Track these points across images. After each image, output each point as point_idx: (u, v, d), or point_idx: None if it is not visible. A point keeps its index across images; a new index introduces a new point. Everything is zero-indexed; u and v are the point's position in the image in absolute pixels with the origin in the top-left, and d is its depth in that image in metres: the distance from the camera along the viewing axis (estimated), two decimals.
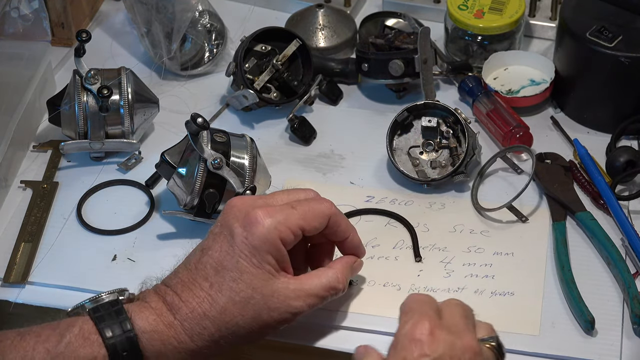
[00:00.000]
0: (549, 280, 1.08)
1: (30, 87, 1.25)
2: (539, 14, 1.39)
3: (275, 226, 0.96)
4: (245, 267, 0.95)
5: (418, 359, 0.85)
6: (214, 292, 0.95)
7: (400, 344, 0.87)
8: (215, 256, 0.96)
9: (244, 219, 0.96)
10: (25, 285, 1.10)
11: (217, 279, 0.95)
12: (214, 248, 0.97)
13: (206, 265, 0.96)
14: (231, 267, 0.95)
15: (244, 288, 0.95)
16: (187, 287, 0.96)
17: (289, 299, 0.97)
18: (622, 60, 1.18)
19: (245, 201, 0.99)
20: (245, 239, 0.95)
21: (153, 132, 1.28)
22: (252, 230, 0.95)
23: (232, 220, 0.97)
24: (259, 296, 0.95)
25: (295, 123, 1.25)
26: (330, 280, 0.99)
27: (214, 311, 0.95)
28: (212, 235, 0.98)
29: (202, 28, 1.33)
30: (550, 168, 1.19)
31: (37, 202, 1.18)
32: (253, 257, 0.95)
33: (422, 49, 1.25)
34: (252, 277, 0.95)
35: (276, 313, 0.96)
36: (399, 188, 1.19)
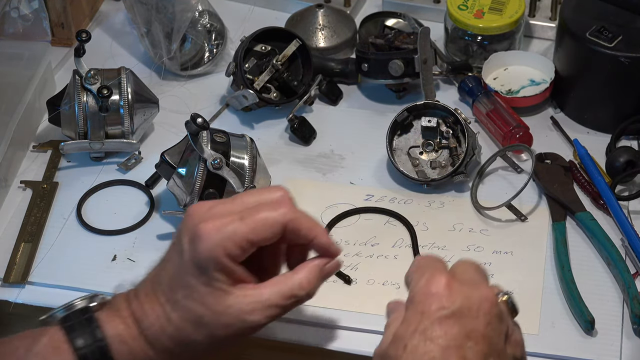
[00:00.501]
0: (548, 280, 1.08)
1: (30, 87, 1.25)
2: (538, 14, 1.39)
3: (219, 243, 0.90)
4: (195, 285, 0.91)
5: (436, 312, 0.85)
6: (169, 308, 0.92)
7: (417, 299, 0.87)
8: (169, 270, 0.93)
9: (191, 232, 0.91)
10: (25, 285, 1.10)
11: (170, 296, 0.92)
12: (169, 261, 0.93)
13: (162, 279, 0.93)
14: (182, 285, 0.92)
15: (195, 306, 0.91)
16: (149, 299, 0.93)
17: (244, 314, 0.92)
18: (622, 60, 1.18)
19: (198, 210, 0.93)
20: (192, 256, 0.91)
21: (153, 132, 1.28)
22: (197, 247, 0.91)
23: (183, 232, 0.93)
24: (211, 314, 0.91)
25: (295, 123, 1.25)
26: (291, 288, 0.93)
27: (170, 328, 0.92)
28: (171, 245, 0.95)
29: (202, 28, 1.33)
30: (550, 168, 1.19)
31: (37, 202, 1.18)
32: (201, 275, 0.91)
33: (422, 49, 1.25)
34: (202, 295, 0.91)
35: (231, 329, 0.92)
36: (399, 188, 1.19)
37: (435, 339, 0.84)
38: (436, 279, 0.86)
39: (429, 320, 0.85)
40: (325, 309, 1.06)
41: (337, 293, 1.08)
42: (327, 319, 1.05)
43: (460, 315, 0.85)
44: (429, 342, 0.84)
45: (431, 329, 0.84)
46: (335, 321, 1.05)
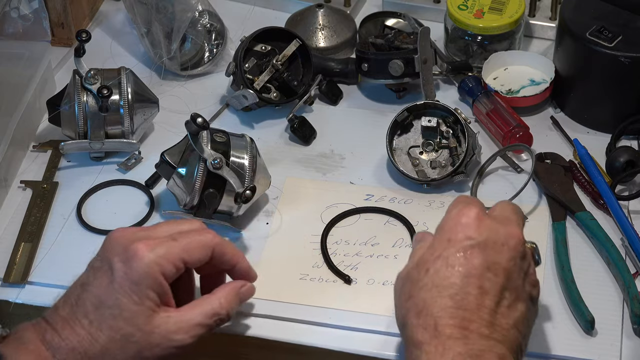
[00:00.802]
0: (548, 280, 1.08)
1: (30, 87, 1.25)
2: (538, 14, 1.39)
3: (156, 260, 0.93)
4: (125, 304, 0.92)
5: (462, 241, 0.91)
6: (94, 330, 0.92)
7: (447, 227, 0.93)
8: (94, 292, 0.93)
9: (124, 252, 0.93)
10: (25, 285, 1.10)
11: (96, 316, 0.92)
12: (93, 284, 0.93)
13: (85, 301, 0.93)
14: (111, 304, 0.92)
15: (124, 325, 0.92)
16: (67, 324, 0.92)
17: (170, 334, 0.93)
18: (622, 60, 1.18)
19: (125, 234, 0.95)
20: (125, 275, 0.92)
21: (153, 132, 1.28)
22: (132, 265, 0.92)
23: (111, 255, 0.94)
24: (139, 333, 0.92)
25: (295, 123, 1.25)
26: (213, 307, 0.96)
27: (94, 349, 0.91)
28: (92, 270, 0.95)
29: (202, 28, 1.33)
30: (550, 168, 1.19)
31: (37, 202, 1.18)
32: (133, 293, 0.92)
33: (422, 49, 1.25)
34: (132, 314, 0.92)
35: (158, 349, 0.93)
36: (399, 188, 1.19)
37: (457, 266, 0.90)
38: (468, 209, 0.93)
39: (454, 248, 0.91)
40: (325, 309, 1.06)
41: (337, 293, 1.08)
42: (327, 319, 1.05)
43: (485, 247, 0.91)
44: (450, 268, 0.90)
45: (454, 257, 0.90)
46: (335, 321, 1.05)
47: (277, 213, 1.17)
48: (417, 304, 0.90)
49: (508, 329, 0.89)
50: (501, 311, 0.89)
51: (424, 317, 0.89)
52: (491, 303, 0.89)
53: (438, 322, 0.88)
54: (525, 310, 0.92)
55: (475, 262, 0.90)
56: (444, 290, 0.89)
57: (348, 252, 1.12)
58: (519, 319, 0.90)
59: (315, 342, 1.03)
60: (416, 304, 0.90)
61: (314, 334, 1.04)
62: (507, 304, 0.90)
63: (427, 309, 0.89)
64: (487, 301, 0.89)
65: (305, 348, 1.03)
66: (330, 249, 1.12)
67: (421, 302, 0.90)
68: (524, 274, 0.93)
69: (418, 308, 0.90)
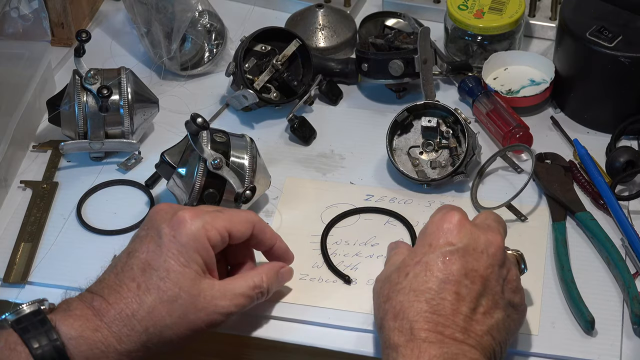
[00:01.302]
0: (548, 280, 1.08)
1: (30, 87, 1.25)
2: (538, 14, 1.39)
3: (203, 225, 0.97)
4: (173, 265, 0.95)
5: (443, 247, 0.93)
6: (142, 292, 0.94)
7: (429, 231, 0.95)
8: (141, 257, 0.96)
9: (172, 219, 0.97)
10: (25, 285, 1.10)
11: (144, 279, 0.95)
12: (140, 250, 0.97)
13: (132, 266, 0.96)
14: (158, 266, 0.95)
15: (171, 287, 0.95)
16: (114, 290, 0.95)
17: (216, 299, 0.96)
18: (622, 60, 1.18)
19: (171, 205, 1.00)
20: (173, 237, 0.96)
21: (153, 132, 1.28)
22: (180, 229, 0.96)
23: (159, 222, 0.97)
24: (185, 295, 0.95)
25: (295, 123, 1.25)
26: (255, 280, 0.99)
27: (142, 311, 0.94)
28: (138, 238, 0.98)
29: (202, 28, 1.33)
30: (550, 168, 1.19)
31: (36, 202, 1.18)
32: (181, 255, 0.95)
33: (422, 49, 1.25)
34: (179, 275, 0.95)
35: (203, 313, 0.96)
36: (399, 188, 1.19)
37: (435, 272, 0.92)
38: (451, 215, 0.95)
39: (435, 253, 0.93)
40: (325, 309, 1.06)
41: (337, 293, 1.08)
42: (327, 319, 1.05)
43: (464, 253, 0.93)
44: (429, 273, 0.92)
45: (434, 262, 0.92)
46: (335, 321, 1.05)
47: (277, 213, 1.17)
48: (395, 307, 0.92)
49: (482, 335, 0.91)
50: (476, 318, 0.91)
51: (400, 320, 0.91)
52: (466, 309, 0.91)
53: (414, 325, 0.90)
54: (502, 317, 0.93)
55: (453, 268, 0.92)
56: (421, 294, 0.91)
57: (348, 252, 1.12)
58: (494, 326, 0.92)
59: (315, 342, 1.03)
60: (393, 307, 0.92)
61: (314, 334, 1.04)
62: (483, 311, 0.92)
63: (404, 312, 0.91)
64: (462, 307, 0.91)
65: (306, 348, 1.03)
66: (330, 249, 1.12)
67: (398, 305, 0.92)
68: (502, 281, 0.94)
69: (395, 311, 0.92)
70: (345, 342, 1.03)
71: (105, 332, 0.93)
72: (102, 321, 0.93)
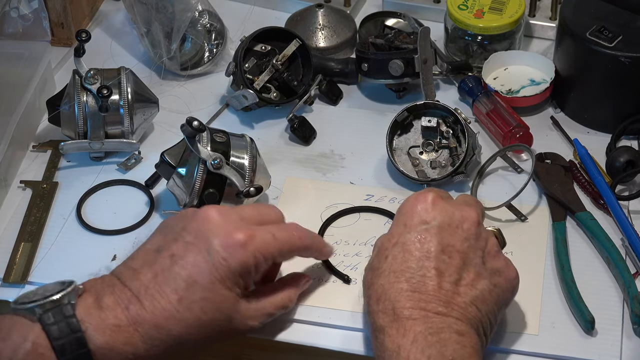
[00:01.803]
0: (548, 280, 1.08)
1: (30, 87, 1.25)
2: (539, 14, 1.39)
3: (254, 254, 0.95)
4: (219, 288, 0.94)
5: (417, 225, 0.95)
6: (183, 308, 0.92)
7: (404, 211, 0.96)
8: (188, 269, 0.93)
9: (225, 238, 0.94)
10: (25, 285, 1.09)
11: (186, 294, 0.93)
12: (186, 259, 0.94)
13: (176, 276, 0.93)
14: (204, 286, 0.93)
15: (213, 309, 0.94)
16: (152, 296, 0.92)
17: (246, 319, 0.97)
18: (622, 60, 1.18)
19: (223, 215, 0.96)
20: (224, 261, 0.93)
21: (153, 132, 1.28)
22: (233, 255, 0.94)
23: (210, 235, 0.94)
24: (223, 317, 0.95)
25: (295, 123, 1.25)
26: (283, 300, 1.01)
27: (179, 329, 0.93)
28: (183, 242, 0.95)
29: (202, 28, 1.33)
30: (550, 168, 1.19)
31: (36, 202, 1.18)
32: (228, 279, 0.94)
33: (422, 48, 1.25)
34: (223, 299, 0.94)
35: (233, 332, 0.97)
36: (399, 188, 1.19)
37: (413, 251, 0.93)
38: (424, 196, 0.96)
39: (410, 233, 0.94)
40: (325, 309, 1.05)
41: (337, 293, 1.07)
42: (327, 319, 1.05)
43: (440, 230, 0.94)
44: (407, 254, 0.93)
45: (411, 242, 0.94)
46: (335, 321, 1.05)
47: None
48: (377, 291, 0.93)
49: (466, 307, 0.92)
50: (459, 290, 0.93)
51: (382, 302, 0.92)
52: (448, 284, 0.92)
53: (396, 305, 0.91)
54: (487, 287, 0.94)
55: (430, 246, 0.93)
56: (401, 274, 0.93)
57: (348, 252, 1.12)
58: (478, 297, 0.93)
59: (315, 342, 1.03)
60: (376, 291, 0.93)
61: (314, 334, 1.04)
62: (465, 283, 0.93)
63: (385, 294, 0.92)
64: (444, 282, 0.92)
65: (306, 348, 1.03)
66: None
67: (380, 288, 0.93)
68: (482, 252, 0.96)
69: (377, 295, 0.93)
70: (345, 342, 1.03)
71: (138, 342, 0.91)
72: (136, 330, 0.91)
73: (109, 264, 1.12)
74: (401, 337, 0.89)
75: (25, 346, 0.88)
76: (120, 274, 0.95)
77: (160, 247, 0.96)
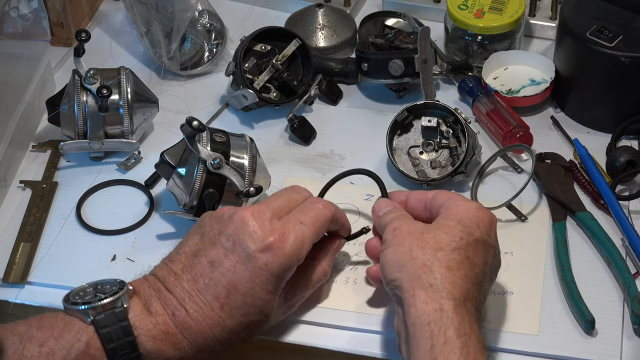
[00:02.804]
0: (549, 280, 1.08)
1: (30, 87, 1.25)
2: (539, 14, 1.39)
3: (294, 252, 0.96)
4: (260, 293, 0.95)
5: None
6: (225, 314, 0.94)
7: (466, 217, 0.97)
8: (228, 276, 0.94)
9: (263, 244, 0.95)
10: (24, 286, 1.10)
11: (228, 301, 0.94)
12: (225, 265, 0.95)
13: (217, 283, 0.94)
14: (245, 292, 0.94)
15: (254, 313, 0.95)
16: (196, 303, 0.94)
17: (280, 315, 1.00)
18: (623, 60, 1.18)
19: (258, 219, 0.96)
20: (265, 266, 0.95)
21: (152, 132, 1.28)
22: (273, 258, 0.95)
23: (248, 241, 0.95)
24: (263, 318, 0.97)
25: (295, 123, 1.25)
26: (317, 277, 1.02)
27: (224, 334, 0.95)
28: (222, 248, 0.96)
29: (202, 28, 1.33)
30: (550, 168, 1.19)
31: (36, 202, 1.18)
32: (269, 284, 0.95)
33: (422, 48, 1.25)
34: (264, 303, 0.96)
35: (268, 327, 0.99)
36: (399, 188, 1.19)
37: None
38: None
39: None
40: (325, 309, 1.05)
41: (337, 293, 1.07)
42: (326, 319, 1.05)
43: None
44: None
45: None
46: (335, 321, 1.05)
47: None
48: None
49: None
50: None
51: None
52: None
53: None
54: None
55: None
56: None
57: (348, 252, 1.11)
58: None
59: (315, 343, 1.03)
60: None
61: (315, 334, 1.04)
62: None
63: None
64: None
65: (306, 348, 1.03)
66: None
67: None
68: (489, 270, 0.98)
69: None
70: (345, 342, 1.03)
71: (185, 347, 0.93)
72: (183, 336, 0.93)
73: (108, 263, 1.12)
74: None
75: (79, 346, 0.90)
76: (164, 278, 0.96)
77: (198, 251, 0.97)
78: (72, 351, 0.90)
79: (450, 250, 0.93)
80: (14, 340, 0.90)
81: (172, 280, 0.96)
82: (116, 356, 0.90)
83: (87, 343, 0.90)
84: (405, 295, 0.91)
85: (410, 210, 1.03)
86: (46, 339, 0.90)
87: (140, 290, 0.95)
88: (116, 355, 0.90)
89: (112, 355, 0.90)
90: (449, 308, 0.89)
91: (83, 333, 0.91)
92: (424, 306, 0.89)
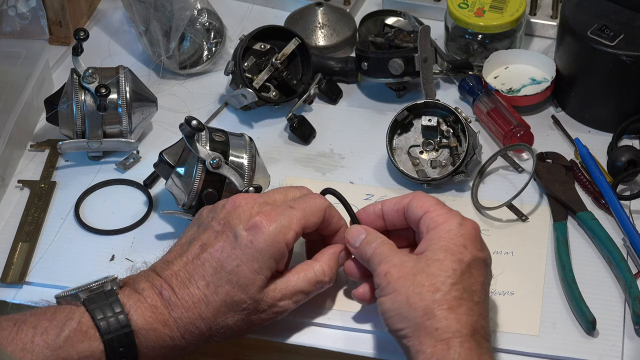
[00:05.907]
0: (549, 281, 1.08)
1: (28, 86, 1.25)
2: (539, 13, 1.39)
3: (280, 230, 0.97)
4: (244, 271, 0.96)
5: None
6: (210, 292, 0.96)
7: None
8: (216, 255, 0.97)
9: (248, 222, 0.97)
10: (22, 286, 1.09)
11: (213, 279, 0.96)
12: (214, 246, 0.97)
13: (205, 263, 0.97)
14: (230, 270, 0.96)
15: (239, 292, 0.96)
16: (183, 284, 0.96)
17: (276, 301, 0.98)
18: (624, 59, 1.18)
19: (248, 202, 0.99)
20: (250, 243, 0.96)
21: (151, 131, 1.28)
22: (257, 234, 0.96)
23: (235, 222, 0.98)
24: (250, 301, 0.97)
25: (295, 122, 1.25)
26: (316, 274, 1.01)
27: (208, 312, 0.96)
28: (212, 232, 0.98)
29: (201, 26, 1.33)
30: (551, 167, 1.19)
31: (34, 202, 1.18)
32: (255, 261, 0.96)
33: (422, 47, 1.24)
34: (248, 282, 0.96)
35: (264, 314, 0.98)
36: (399, 187, 1.19)
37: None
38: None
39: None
40: (325, 309, 1.05)
41: (337, 293, 1.07)
42: (326, 319, 1.04)
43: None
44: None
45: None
46: (335, 321, 1.04)
47: None
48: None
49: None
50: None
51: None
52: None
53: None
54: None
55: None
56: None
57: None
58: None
59: (315, 343, 1.03)
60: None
61: (314, 334, 1.04)
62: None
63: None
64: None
65: (306, 349, 1.03)
66: None
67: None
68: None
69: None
70: (344, 342, 1.03)
71: (173, 327, 0.95)
72: (170, 315, 0.95)
73: (107, 263, 1.11)
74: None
75: (71, 324, 0.92)
76: (155, 266, 0.99)
77: (192, 238, 1.00)
78: (65, 328, 0.92)
79: (447, 289, 0.92)
80: (8, 324, 0.92)
81: (163, 266, 0.98)
82: (108, 330, 0.92)
83: (79, 321, 0.93)
84: (412, 343, 0.92)
85: (389, 221, 1.03)
86: (39, 321, 0.92)
87: (130, 279, 0.98)
88: (108, 329, 0.92)
89: (105, 331, 0.92)
90: (455, 344, 0.90)
91: (75, 312, 0.93)
92: (432, 350, 0.90)
